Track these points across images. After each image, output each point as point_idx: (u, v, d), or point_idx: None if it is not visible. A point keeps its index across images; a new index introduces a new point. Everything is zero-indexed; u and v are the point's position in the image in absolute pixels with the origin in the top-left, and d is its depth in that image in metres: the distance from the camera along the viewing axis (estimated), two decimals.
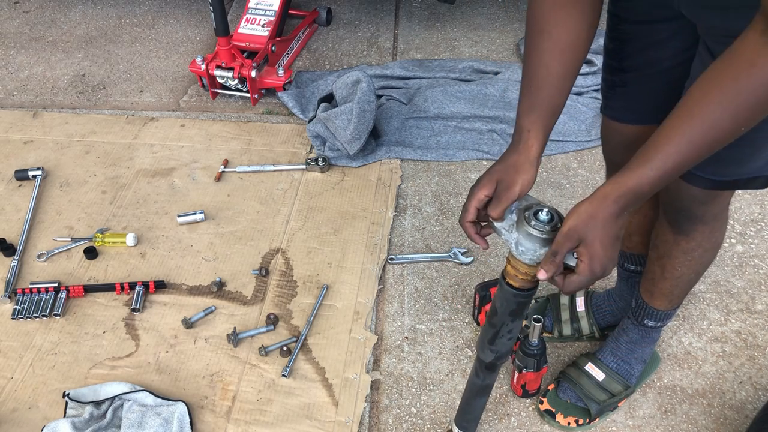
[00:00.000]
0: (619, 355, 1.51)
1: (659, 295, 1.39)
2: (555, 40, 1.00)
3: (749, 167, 1.11)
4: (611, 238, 0.94)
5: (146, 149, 2.28)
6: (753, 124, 0.86)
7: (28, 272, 1.86)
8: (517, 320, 1.12)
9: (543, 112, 1.01)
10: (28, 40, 2.92)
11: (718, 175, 1.12)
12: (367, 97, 2.13)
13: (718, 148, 0.89)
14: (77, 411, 1.50)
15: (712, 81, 0.85)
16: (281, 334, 1.69)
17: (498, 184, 1.04)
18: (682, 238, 1.27)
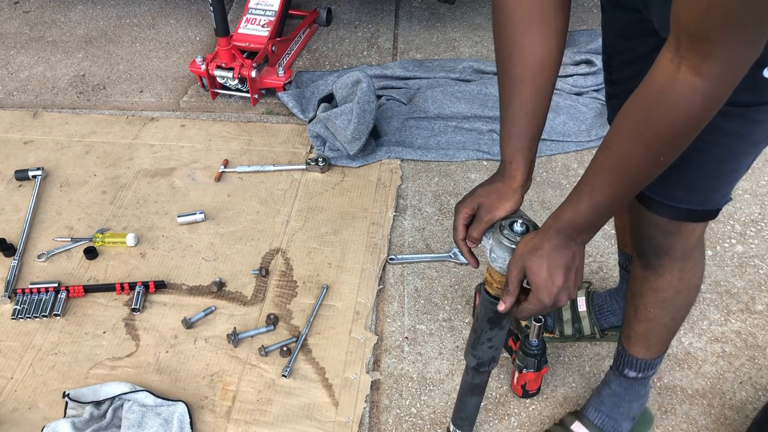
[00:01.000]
0: (603, 411, 1.42)
1: (636, 340, 1.31)
2: (524, 65, 1.00)
3: (699, 196, 1.05)
4: (558, 268, 0.96)
5: (146, 149, 2.28)
6: (672, 154, 0.85)
7: (28, 272, 1.86)
8: (496, 329, 1.13)
9: (522, 141, 1.03)
10: (28, 40, 2.92)
11: (679, 203, 1.06)
12: (367, 98, 2.13)
13: (644, 180, 0.89)
14: (77, 411, 1.50)
15: (627, 110, 0.85)
16: (281, 334, 1.69)
17: (480, 207, 1.07)
18: (651, 273, 1.20)
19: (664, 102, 0.79)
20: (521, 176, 1.04)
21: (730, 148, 0.99)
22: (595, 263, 1.87)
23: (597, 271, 1.85)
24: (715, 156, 1.00)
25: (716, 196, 1.08)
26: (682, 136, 0.83)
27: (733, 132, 0.96)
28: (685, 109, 0.79)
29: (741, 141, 0.98)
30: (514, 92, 1.01)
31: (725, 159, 1.01)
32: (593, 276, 1.83)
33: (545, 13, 0.97)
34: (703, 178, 1.04)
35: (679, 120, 0.80)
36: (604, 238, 1.93)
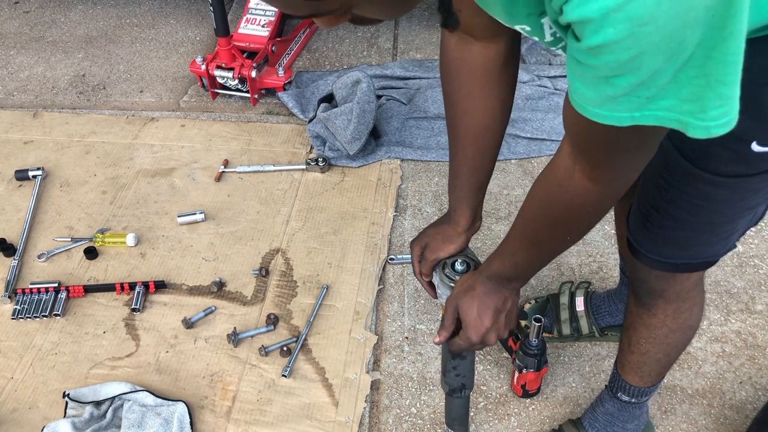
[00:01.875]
0: (597, 428, 1.41)
1: (629, 369, 1.30)
2: (466, 127, 1.05)
3: (695, 251, 1.05)
4: (488, 310, 1.03)
5: (146, 149, 2.28)
6: (577, 235, 0.90)
7: (28, 272, 1.86)
8: (458, 359, 1.18)
9: (465, 192, 1.10)
10: (28, 40, 2.92)
11: (664, 257, 1.06)
12: (367, 98, 2.13)
13: (557, 251, 0.95)
14: (77, 411, 1.50)
15: (535, 188, 0.91)
16: (281, 334, 1.69)
17: (426, 246, 1.15)
18: (644, 311, 1.19)
19: (563, 193, 0.84)
20: (465, 222, 1.12)
21: (723, 213, 0.97)
22: (595, 263, 1.87)
23: (597, 271, 1.85)
24: (707, 219, 0.98)
25: (713, 249, 1.04)
26: (582, 223, 0.88)
27: (725, 199, 0.94)
28: (581, 204, 0.84)
29: (734, 206, 0.96)
30: (458, 149, 1.07)
31: (719, 222, 0.99)
32: (593, 276, 1.83)
33: (487, 79, 1.00)
34: (696, 238, 1.02)
35: (576, 211, 0.85)
36: (604, 238, 1.93)
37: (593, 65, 0.61)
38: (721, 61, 0.57)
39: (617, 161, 0.77)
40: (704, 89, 0.60)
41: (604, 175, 0.80)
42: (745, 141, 0.84)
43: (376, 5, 0.63)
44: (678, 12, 0.54)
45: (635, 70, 0.59)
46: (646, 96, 0.62)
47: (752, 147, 0.85)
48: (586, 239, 1.90)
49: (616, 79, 0.61)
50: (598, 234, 1.94)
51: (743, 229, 1.03)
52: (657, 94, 0.61)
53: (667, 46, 0.56)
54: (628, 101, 0.62)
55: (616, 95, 0.62)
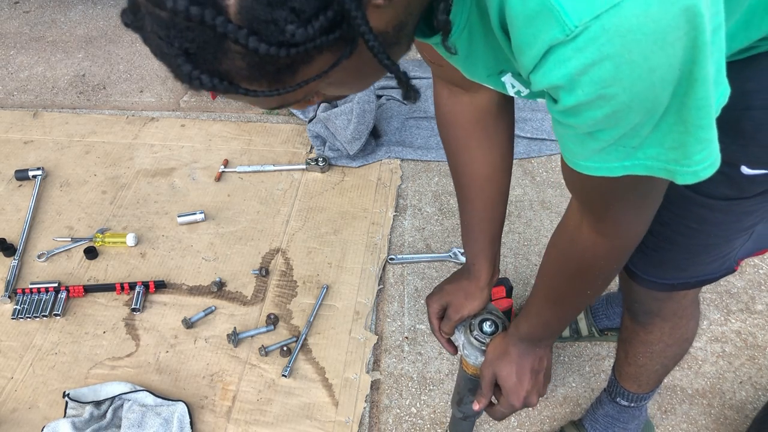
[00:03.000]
0: (598, 429, 1.41)
1: (626, 378, 1.30)
2: (470, 178, 1.04)
3: (692, 272, 1.04)
4: (526, 373, 1.02)
5: (146, 149, 2.28)
6: (597, 288, 0.89)
7: (28, 272, 1.86)
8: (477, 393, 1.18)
9: (481, 244, 1.08)
10: (28, 40, 2.92)
11: (661, 278, 1.06)
12: (367, 98, 2.13)
13: (580, 305, 0.94)
14: (77, 411, 1.50)
15: (550, 246, 0.90)
16: (281, 334, 1.69)
17: (448, 305, 1.12)
18: (640, 329, 1.19)
19: (575, 248, 0.84)
20: (485, 276, 1.10)
21: (717, 235, 0.97)
22: None
23: None
24: (702, 241, 0.98)
25: (710, 268, 1.03)
26: (600, 276, 0.87)
27: (719, 222, 0.94)
28: (592, 257, 0.84)
29: (729, 228, 0.96)
30: (466, 200, 1.07)
31: (715, 243, 0.98)
32: None
33: (481, 130, 1.00)
34: (692, 259, 1.01)
35: (590, 264, 0.85)
36: None
37: (574, 124, 0.61)
38: (694, 106, 0.58)
39: (619, 213, 0.76)
40: (684, 135, 0.60)
41: (608, 228, 0.79)
42: (733, 165, 0.84)
43: (338, 87, 0.64)
44: (640, 74, 0.54)
45: (615, 125, 0.59)
46: (632, 146, 0.62)
47: (742, 170, 0.84)
48: None
49: (599, 133, 0.61)
50: None
51: (743, 251, 1.03)
52: (642, 143, 0.62)
53: (641, 105, 0.57)
54: (615, 151, 0.63)
55: (602, 147, 0.63)
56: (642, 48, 0.52)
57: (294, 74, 0.54)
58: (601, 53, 0.52)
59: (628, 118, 0.58)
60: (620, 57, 0.53)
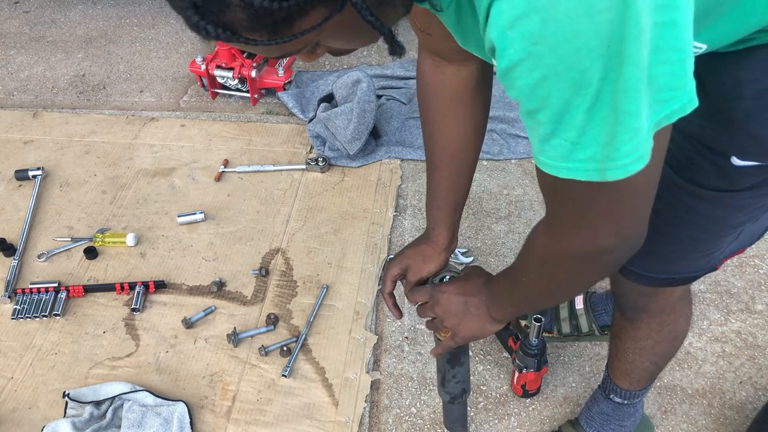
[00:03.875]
0: (594, 427, 1.41)
1: (618, 374, 1.30)
2: (441, 147, 1.07)
3: (678, 266, 1.03)
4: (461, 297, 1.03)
5: (146, 149, 2.28)
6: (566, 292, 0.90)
7: (28, 272, 1.86)
8: (457, 366, 1.20)
9: (443, 211, 1.11)
10: (28, 40, 2.92)
11: (647, 271, 1.04)
12: (367, 97, 2.13)
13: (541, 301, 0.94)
14: (77, 411, 1.50)
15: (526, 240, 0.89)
16: (281, 334, 1.69)
17: (408, 268, 1.15)
18: (629, 324, 1.18)
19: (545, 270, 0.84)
20: (444, 241, 1.13)
21: (707, 228, 0.96)
22: None
23: None
24: (690, 233, 0.97)
25: (695, 265, 1.03)
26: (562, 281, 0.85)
27: (709, 214, 0.93)
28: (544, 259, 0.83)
29: (717, 222, 0.94)
30: (434, 168, 1.09)
31: (704, 237, 0.97)
32: None
33: (459, 102, 1.03)
34: (679, 252, 1.01)
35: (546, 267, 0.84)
36: None
37: (516, 98, 0.63)
38: (623, 89, 0.58)
39: (564, 217, 0.75)
40: (614, 126, 0.60)
41: (555, 230, 0.78)
42: (724, 155, 0.84)
43: (338, 41, 0.67)
44: (565, 34, 0.55)
45: (546, 100, 0.60)
46: (570, 140, 0.62)
47: (732, 161, 0.84)
48: None
49: (538, 114, 0.62)
50: None
51: (728, 250, 1.01)
52: (579, 141, 0.62)
53: (567, 74, 0.57)
54: (559, 146, 0.63)
55: (545, 135, 0.64)
56: (568, 7, 0.54)
57: (291, 26, 0.58)
58: (529, 5, 0.55)
59: (558, 90, 0.59)
60: (547, 12, 0.54)
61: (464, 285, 1.04)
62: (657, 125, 0.62)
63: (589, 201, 0.70)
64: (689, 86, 0.61)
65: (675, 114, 0.62)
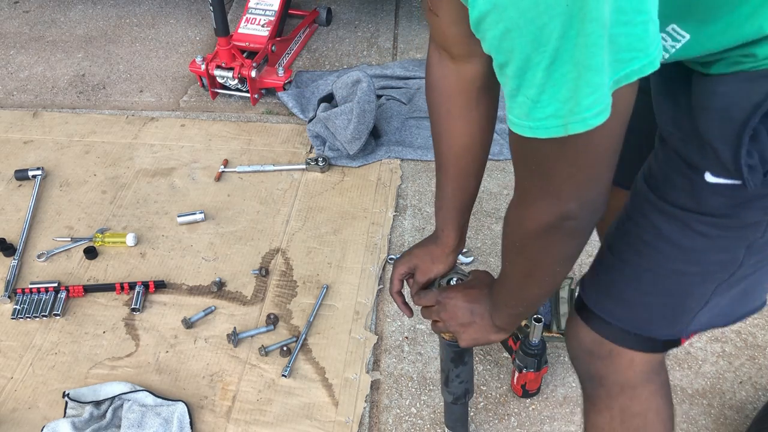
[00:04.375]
0: None
1: None
2: (448, 147, 1.05)
3: (635, 312, 0.94)
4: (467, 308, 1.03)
5: (146, 149, 2.28)
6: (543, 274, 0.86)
7: (28, 272, 1.86)
8: (461, 366, 1.20)
9: (451, 212, 1.10)
10: (28, 40, 2.92)
11: (602, 311, 0.97)
12: (367, 97, 2.13)
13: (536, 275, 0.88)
14: (77, 411, 1.50)
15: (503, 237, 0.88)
16: (281, 334, 1.69)
17: (416, 268, 1.15)
18: (588, 405, 1.08)
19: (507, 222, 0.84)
20: (452, 242, 1.12)
21: (672, 262, 0.88)
22: None
23: None
24: (654, 265, 0.89)
25: (659, 325, 0.94)
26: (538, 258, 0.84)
27: (675, 240, 0.86)
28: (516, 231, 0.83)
29: (684, 257, 0.87)
30: (442, 169, 1.08)
31: (667, 275, 0.89)
32: None
33: (465, 101, 1.01)
34: (639, 292, 0.92)
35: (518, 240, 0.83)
36: None
37: (487, 51, 0.65)
38: (583, 44, 0.59)
39: (527, 181, 0.76)
40: (576, 81, 0.61)
41: (523, 200, 0.78)
42: (696, 170, 0.81)
43: None
44: None
45: (511, 54, 0.62)
46: (531, 98, 0.64)
47: (705, 177, 0.80)
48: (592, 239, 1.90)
49: (506, 68, 0.64)
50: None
51: (696, 322, 0.91)
52: (539, 98, 0.63)
53: (527, 28, 0.59)
54: (522, 103, 0.65)
55: (512, 92, 0.65)
56: None
57: None
58: None
59: (520, 44, 0.61)
60: None
61: (471, 292, 1.04)
62: (616, 83, 0.63)
63: (551, 162, 0.70)
64: (651, 48, 0.62)
65: (634, 74, 0.63)
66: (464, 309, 1.03)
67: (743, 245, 0.84)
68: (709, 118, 0.76)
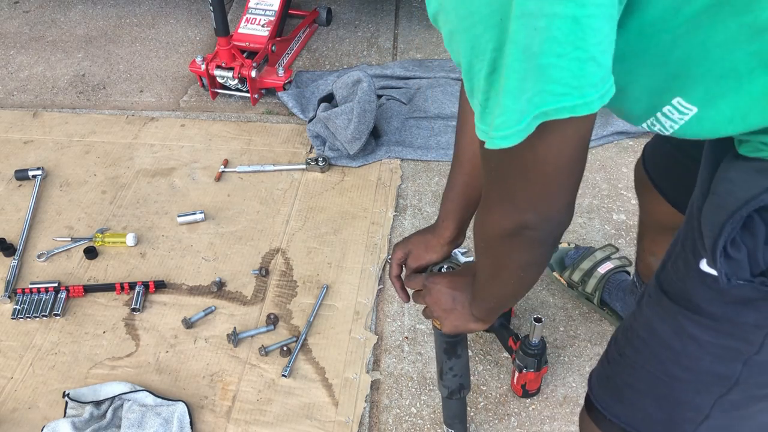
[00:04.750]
0: None
1: None
2: (466, 141, 1.08)
3: (630, 410, 0.90)
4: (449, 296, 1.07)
5: (146, 149, 2.28)
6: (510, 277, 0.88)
7: (28, 272, 1.86)
8: (454, 358, 1.22)
9: (455, 204, 1.13)
10: (28, 40, 2.92)
11: (605, 407, 0.93)
12: (368, 97, 2.13)
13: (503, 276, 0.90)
14: (77, 411, 1.50)
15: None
16: (281, 334, 1.69)
17: (409, 254, 1.18)
18: None
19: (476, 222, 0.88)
20: (449, 234, 1.14)
21: (664, 364, 0.83)
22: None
23: None
24: (647, 364, 0.85)
25: (658, 430, 0.88)
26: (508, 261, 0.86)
27: (667, 341, 0.81)
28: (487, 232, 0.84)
29: (676, 360, 0.81)
30: (456, 161, 1.11)
31: (660, 378, 0.84)
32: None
33: None
34: (635, 392, 0.89)
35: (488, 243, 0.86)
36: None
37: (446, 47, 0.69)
38: (504, 65, 0.59)
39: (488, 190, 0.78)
40: (496, 98, 0.63)
41: (486, 204, 0.81)
42: (695, 255, 0.75)
43: None
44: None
45: (458, 56, 0.65)
46: (481, 102, 0.65)
47: (700, 264, 0.74)
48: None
49: (460, 68, 0.66)
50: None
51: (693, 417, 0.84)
52: (486, 104, 0.64)
53: (466, 35, 0.61)
54: (475, 105, 0.66)
55: (469, 92, 0.67)
56: None
57: None
58: None
59: (463, 49, 0.63)
60: None
61: (456, 280, 1.07)
62: (545, 115, 0.62)
63: (504, 170, 0.72)
64: (587, 91, 0.60)
65: (566, 111, 0.61)
66: (447, 295, 1.06)
67: (739, 359, 0.76)
68: (710, 202, 0.73)
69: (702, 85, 0.68)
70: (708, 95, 0.69)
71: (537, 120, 0.62)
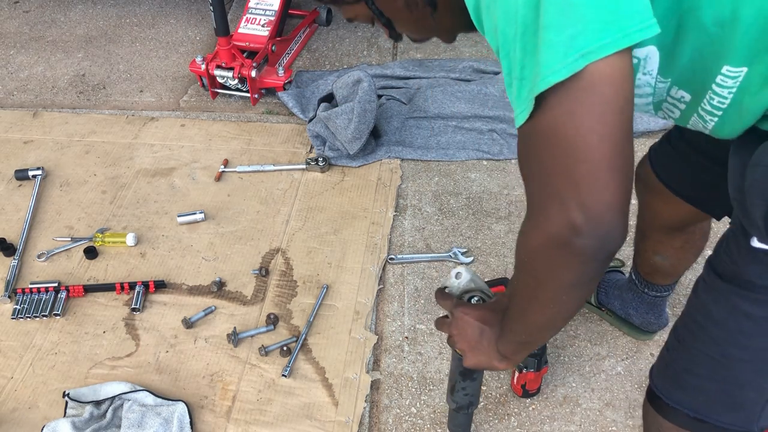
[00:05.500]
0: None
1: None
2: None
3: (696, 398, 0.90)
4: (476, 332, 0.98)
5: (146, 149, 2.28)
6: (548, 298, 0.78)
7: (28, 272, 1.86)
8: (468, 380, 1.21)
9: None
10: (28, 40, 2.92)
11: (670, 398, 0.93)
12: (368, 97, 2.13)
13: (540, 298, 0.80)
14: (77, 411, 1.50)
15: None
16: (281, 334, 1.69)
17: None
18: None
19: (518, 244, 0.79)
20: None
21: (720, 346, 0.85)
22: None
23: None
24: (705, 347, 0.87)
25: (722, 412, 0.88)
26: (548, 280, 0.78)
27: (721, 320, 0.83)
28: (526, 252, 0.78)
29: (731, 340, 0.83)
30: None
31: (718, 360, 0.86)
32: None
33: None
34: (694, 374, 0.90)
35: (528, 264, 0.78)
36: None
37: (490, 44, 0.73)
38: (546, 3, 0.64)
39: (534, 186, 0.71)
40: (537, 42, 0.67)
41: (532, 211, 0.72)
42: (745, 234, 0.77)
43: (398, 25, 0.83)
44: None
45: (495, 33, 0.70)
46: (518, 77, 0.68)
47: (751, 242, 0.76)
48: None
49: (499, 55, 0.71)
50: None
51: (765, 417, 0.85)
52: (522, 74, 0.67)
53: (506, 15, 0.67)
54: (513, 87, 0.69)
55: (507, 82, 0.71)
56: None
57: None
58: None
59: (501, 23, 0.68)
60: None
61: (486, 314, 0.99)
62: (590, 54, 0.63)
63: (544, 153, 0.68)
64: (625, 23, 0.63)
65: (608, 47, 0.63)
66: (475, 328, 0.98)
67: None
68: (756, 172, 0.73)
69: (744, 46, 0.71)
70: (752, 52, 0.71)
71: (584, 59, 0.62)
